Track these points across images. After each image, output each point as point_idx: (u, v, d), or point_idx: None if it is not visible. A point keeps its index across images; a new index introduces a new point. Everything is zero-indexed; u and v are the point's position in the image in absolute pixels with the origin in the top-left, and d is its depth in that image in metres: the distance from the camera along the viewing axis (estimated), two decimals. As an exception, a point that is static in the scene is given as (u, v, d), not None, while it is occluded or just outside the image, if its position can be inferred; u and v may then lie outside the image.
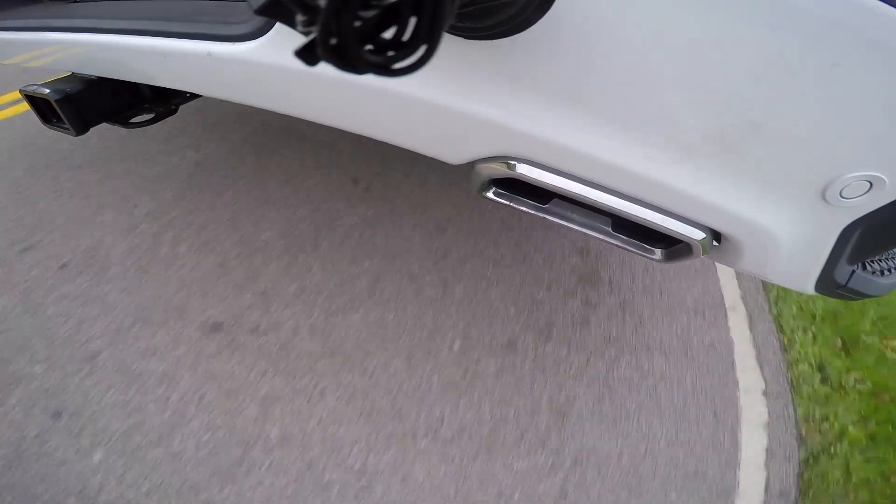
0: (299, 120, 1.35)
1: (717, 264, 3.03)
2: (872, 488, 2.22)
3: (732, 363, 2.63)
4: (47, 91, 1.58)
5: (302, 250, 2.64)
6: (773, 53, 0.89)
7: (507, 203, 1.29)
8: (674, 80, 0.98)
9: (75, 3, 1.64)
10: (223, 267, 2.53)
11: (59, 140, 2.98)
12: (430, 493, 1.94)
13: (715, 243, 1.20)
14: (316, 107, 1.26)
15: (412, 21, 0.66)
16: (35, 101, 1.66)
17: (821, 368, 2.63)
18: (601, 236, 1.31)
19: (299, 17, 0.65)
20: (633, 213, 1.15)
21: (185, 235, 2.62)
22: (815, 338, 2.78)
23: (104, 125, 1.87)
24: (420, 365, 2.29)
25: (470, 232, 2.90)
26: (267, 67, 1.17)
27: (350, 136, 2.77)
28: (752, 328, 2.79)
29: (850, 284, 1.20)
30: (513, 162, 1.15)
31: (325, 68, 1.13)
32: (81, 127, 1.69)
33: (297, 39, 0.98)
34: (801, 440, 2.39)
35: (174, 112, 2.04)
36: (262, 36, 1.14)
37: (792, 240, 1.13)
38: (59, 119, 1.65)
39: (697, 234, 1.16)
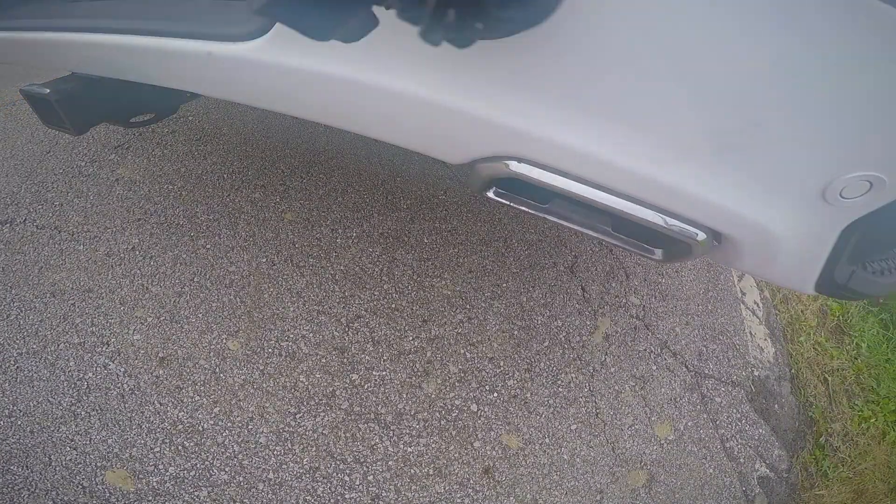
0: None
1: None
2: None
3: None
4: (47, 91, 1.57)
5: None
6: (775, 53, 0.89)
7: (508, 203, 1.29)
8: (674, 80, 0.98)
9: (75, 2, 1.63)
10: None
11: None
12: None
13: (715, 243, 1.19)
14: (316, 107, 1.26)
15: None
16: (35, 101, 1.66)
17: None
18: (601, 236, 1.31)
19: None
20: (634, 213, 1.15)
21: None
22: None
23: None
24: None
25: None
26: (267, 67, 1.17)
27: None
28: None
29: (851, 284, 1.20)
30: (513, 161, 1.15)
31: (324, 68, 1.14)
32: (81, 127, 1.68)
33: (298, 40, 0.98)
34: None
35: (174, 111, 2.04)
36: (262, 35, 1.14)
37: (792, 240, 1.13)
38: (59, 119, 1.64)
39: (697, 235, 1.16)
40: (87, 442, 1.97)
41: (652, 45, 0.94)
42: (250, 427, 2.10)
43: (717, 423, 2.49)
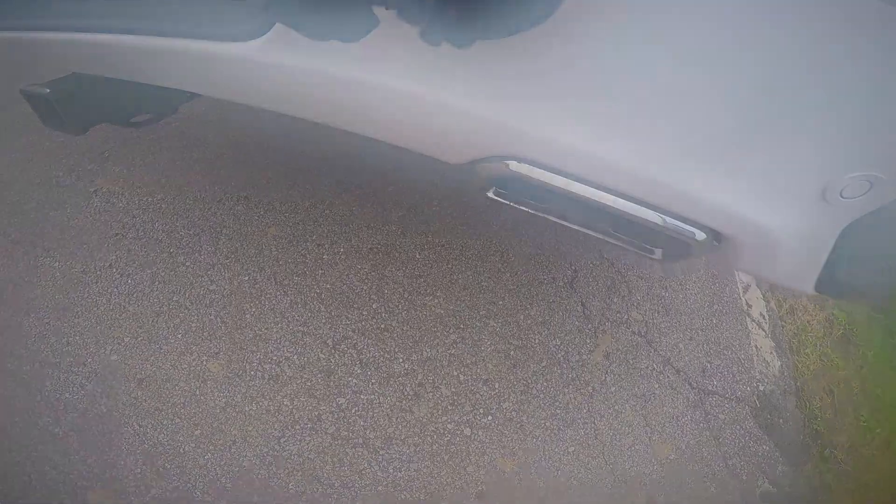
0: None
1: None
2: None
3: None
4: (47, 91, 1.63)
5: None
6: (774, 54, 0.96)
7: (508, 203, 1.34)
8: (675, 82, 1.04)
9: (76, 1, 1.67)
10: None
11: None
12: None
13: (714, 243, 1.26)
14: (316, 106, 1.32)
15: None
16: (35, 101, 1.70)
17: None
18: (601, 236, 1.37)
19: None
20: (633, 212, 1.22)
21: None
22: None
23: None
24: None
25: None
26: (267, 66, 1.23)
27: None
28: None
29: (851, 284, 1.25)
30: (514, 162, 1.21)
31: (324, 67, 1.20)
32: (81, 127, 1.74)
33: (298, 40, 1.05)
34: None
35: (174, 111, 2.08)
36: (261, 35, 1.20)
37: (792, 239, 1.20)
38: (60, 119, 1.70)
39: (697, 234, 1.22)
40: (67, 462, 2.00)
41: (652, 46, 1.01)
42: (233, 450, 2.14)
43: (720, 440, 2.52)
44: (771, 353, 2.95)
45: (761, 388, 2.79)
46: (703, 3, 0.96)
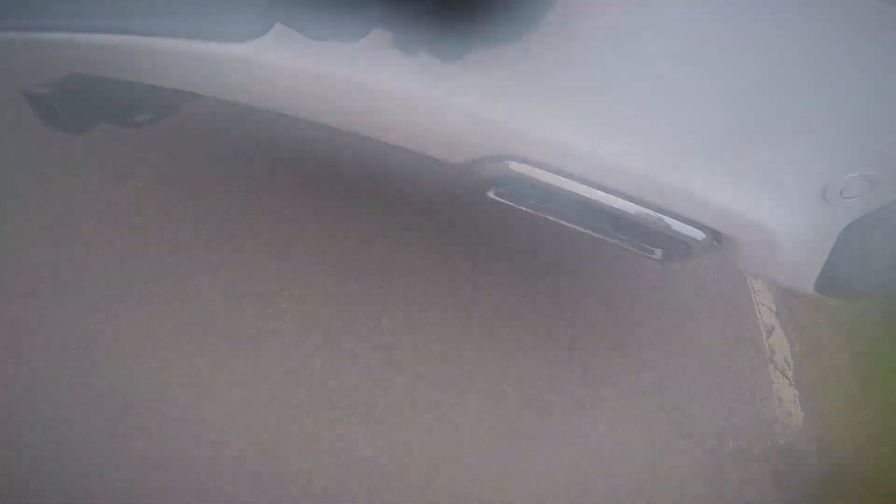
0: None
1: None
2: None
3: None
4: (47, 91, 1.66)
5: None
6: (774, 54, 0.99)
7: (508, 203, 1.38)
8: (675, 82, 1.08)
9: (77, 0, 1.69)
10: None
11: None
12: None
13: (714, 243, 1.29)
14: (317, 107, 1.35)
15: None
16: (35, 101, 1.72)
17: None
18: (601, 236, 1.40)
19: None
20: (634, 212, 1.25)
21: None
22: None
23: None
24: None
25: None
26: (268, 67, 1.26)
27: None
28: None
29: (850, 284, 1.28)
30: (514, 162, 1.24)
31: (324, 67, 1.23)
32: (81, 127, 1.77)
33: (298, 40, 1.08)
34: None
35: (175, 112, 2.09)
36: (262, 35, 1.22)
37: (792, 239, 1.23)
38: (59, 119, 1.74)
39: (697, 235, 1.25)
40: (47, 481, 1.98)
41: (653, 46, 1.04)
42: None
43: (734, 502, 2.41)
44: (794, 402, 2.82)
45: (782, 442, 2.64)
46: (702, 3, 1.00)
